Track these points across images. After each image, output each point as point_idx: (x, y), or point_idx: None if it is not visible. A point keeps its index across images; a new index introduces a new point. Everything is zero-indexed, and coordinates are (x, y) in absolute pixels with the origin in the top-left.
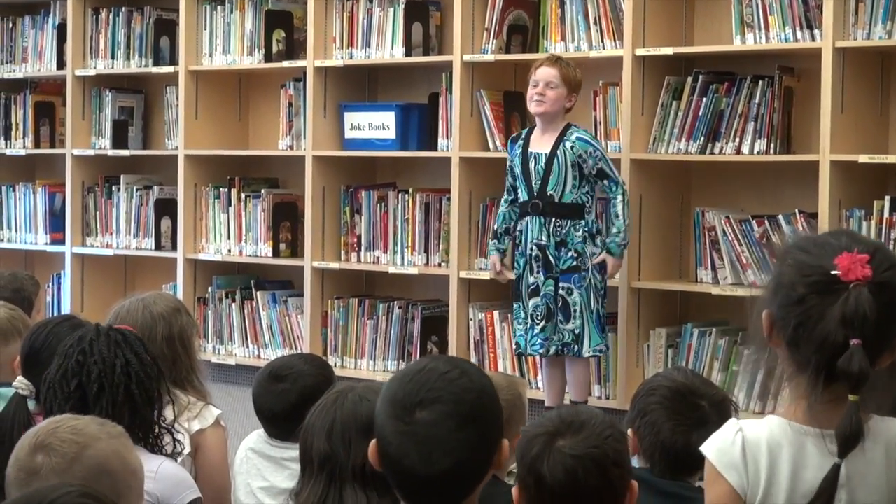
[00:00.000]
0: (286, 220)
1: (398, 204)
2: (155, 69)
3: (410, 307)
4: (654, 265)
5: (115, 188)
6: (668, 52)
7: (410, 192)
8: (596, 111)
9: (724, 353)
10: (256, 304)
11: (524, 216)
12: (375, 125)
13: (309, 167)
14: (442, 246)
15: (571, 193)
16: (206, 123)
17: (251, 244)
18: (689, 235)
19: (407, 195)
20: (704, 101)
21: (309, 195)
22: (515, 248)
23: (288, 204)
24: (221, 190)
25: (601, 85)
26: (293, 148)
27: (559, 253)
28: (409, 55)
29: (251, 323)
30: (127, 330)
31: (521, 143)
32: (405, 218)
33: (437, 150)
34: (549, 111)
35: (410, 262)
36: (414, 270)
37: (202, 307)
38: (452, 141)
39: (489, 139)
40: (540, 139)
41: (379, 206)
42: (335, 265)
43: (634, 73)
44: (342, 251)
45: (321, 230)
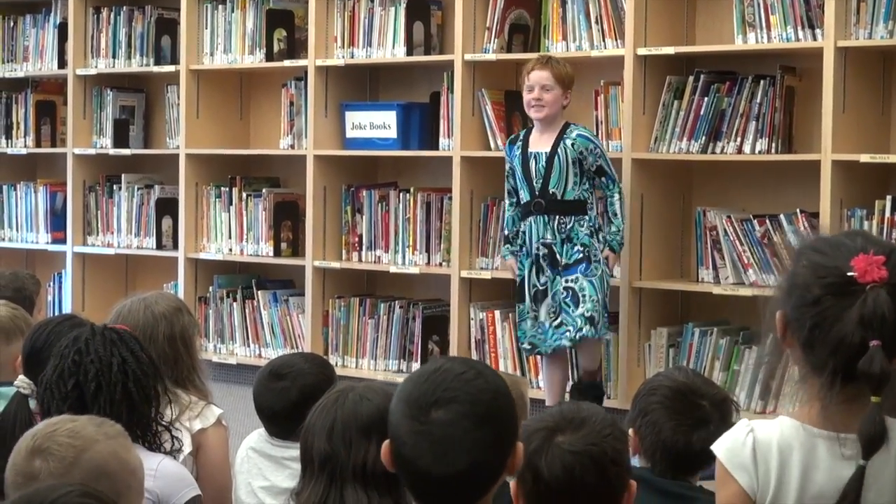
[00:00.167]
0: (287, 219)
1: (399, 203)
2: (156, 68)
3: (411, 306)
4: (655, 265)
5: (116, 187)
6: (669, 51)
7: (412, 191)
8: (597, 111)
9: (725, 352)
10: (257, 303)
11: (527, 216)
12: (377, 124)
13: (310, 166)
14: (443, 245)
15: (573, 190)
16: (207, 123)
17: (252, 243)
18: (690, 235)
19: (408, 194)
20: (706, 100)
21: (310, 194)
22: (520, 248)
23: (289, 203)
24: (222, 189)
25: (602, 84)
26: (294, 147)
27: (565, 249)
28: (410, 54)
29: (252, 322)
30: (122, 329)
31: (519, 144)
32: (406, 217)
33: (438, 149)
34: (548, 115)
35: (411, 261)
36: (415, 270)
37: (203, 306)
38: (454, 140)
39: (490, 139)
40: (539, 139)
41: (380, 205)
42: (336, 264)
43: (636, 72)
44: (343, 250)
45: (322, 229)
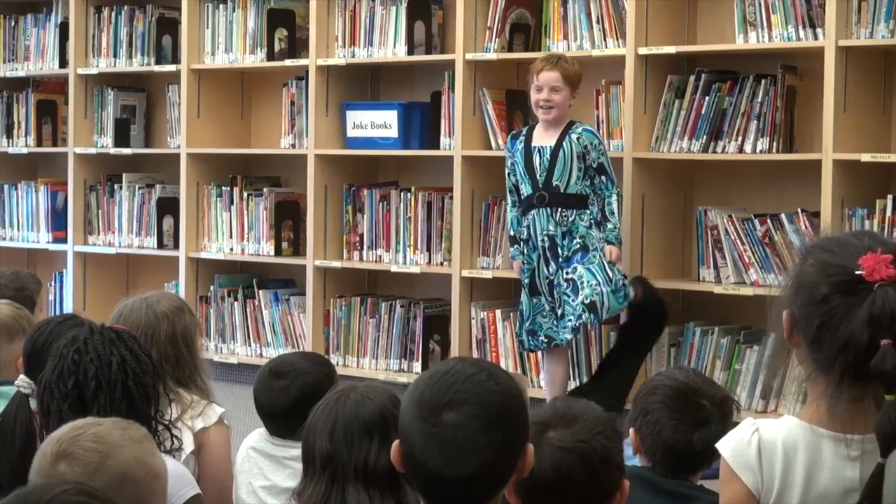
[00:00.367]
0: (288, 218)
1: (400, 203)
2: (157, 68)
3: (412, 306)
4: (656, 264)
5: (117, 187)
6: (670, 50)
7: (413, 190)
8: (598, 110)
9: (726, 352)
10: (258, 302)
11: (530, 210)
12: (378, 124)
13: (311, 166)
14: (444, 245)
15: (576, 185)
16: (208, 122)
17: (253, 243)
18: (691, 234)
19: (409, 194)
20: (707, 99)
21: (311, 194)
22: (525, 242)
23: (290, 203)
24: (223, 188)
25: (604, 84)
26: (295, 147)
27: (565, 242)
28: (411, 54)
29: (253, 321)
30: (121, 328)
31: (522, 138)
32: (407, 217)
33: (439, 148)
34: (556, 116)
35: (412, 260)
36: (416, 269)
37: (204, 306)
38: (455, 140)
39: (491, 138)
40: (543, 134)
41: (381, 204)
42: (337, 264)
43: (637, 71)
44: (344, 250)
45: (323, 229)
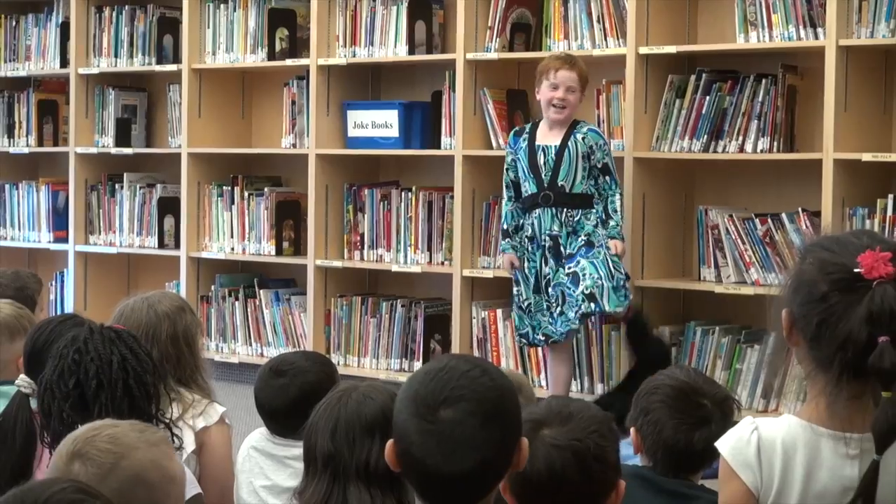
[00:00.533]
0: (289, 218)
1: (401, 202)
2: (158, 67)
3: (413, 305)
4: (657, 263)
5: (118, 186)
6: (671, 50)
7: (413, 190)
8: (599, 109)
9: (727, 351)
10: (259, 302)
11: (534, 209)
12: (378, 123)
13: (312, 165)
14: (445, 244)
15: (581, 184)
16: (209, 122)
17: (254, 242)
18: (692, 234)
19: (410, 193)
20: (708, 99)
21: (312, 193)
22: (530, 240)
23: (291, 202)
24: (224, 188)
25: (604, 83)
26: (296, 146)
27: (570, 241)
28: (412, 53)
29: (254, 321)
30: (120, 328)
31: (525, 136)
32: (408, 216)
33: (440, 148)
34: (568, 116)
35: (413, 260)
36: (417, 269)
37: (205, 305)
38: (455, 139)
39: (492, 137)
40: (548, 133)
41: (382, 204)
42: (338, 263)
43: (638, 71)
44: (345, 249)
45: (324, 228)
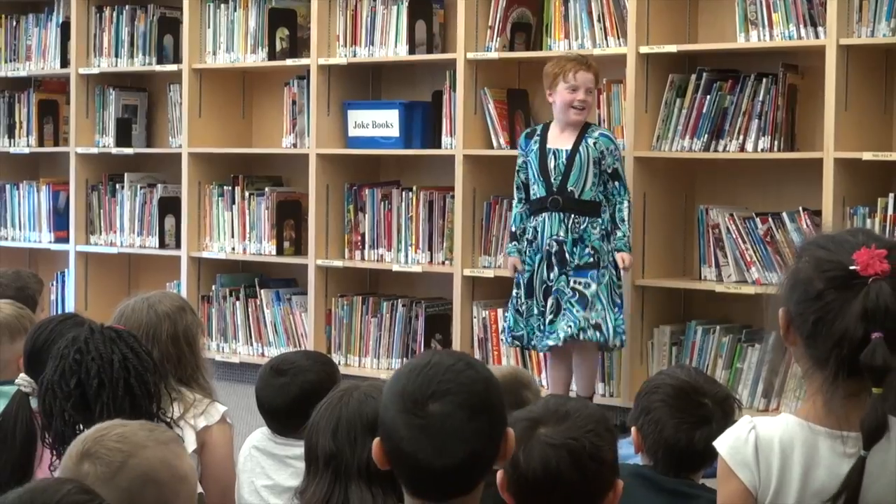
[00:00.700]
0: (290, 218)
1: (402, 202)
2: (158, 67)
3: (414, 305)
4: (657, 263)
5: (118, 186)
6: (671, 49)
7: (414, 189)
8: (600, 109)
9: (727, 350)
10: (260, 302)
11: (541, 212)
12: (379, 123)
13: (313, 165)
14: (446, 244)
15: (591, 191)
16: (209, 121)
17: (255, 242)
18: (692, 233)
19: (411, 193)
20: (708, 98)
21: (313, 193)
22: (529, 243)
23: (292, 202)
24: (225, 188)
25: (605, 83)
26: (297, 146)
27: (575, 249)
28: (412, 53)
29: (255, 321)
30: (120, 328)
31: (536, 138)
32: (409, 216)
33: (440, 147)
34: (586, 118)
35: (414, 259)
36: (418, 268)
37: (206, 305)
38: (456, 139)
39: (493, 137)
40: (559, 136)
41: (383, 203)
42: (339, 263)
43: (638, 70)
44: (346, 249)
45: (325, 228)
